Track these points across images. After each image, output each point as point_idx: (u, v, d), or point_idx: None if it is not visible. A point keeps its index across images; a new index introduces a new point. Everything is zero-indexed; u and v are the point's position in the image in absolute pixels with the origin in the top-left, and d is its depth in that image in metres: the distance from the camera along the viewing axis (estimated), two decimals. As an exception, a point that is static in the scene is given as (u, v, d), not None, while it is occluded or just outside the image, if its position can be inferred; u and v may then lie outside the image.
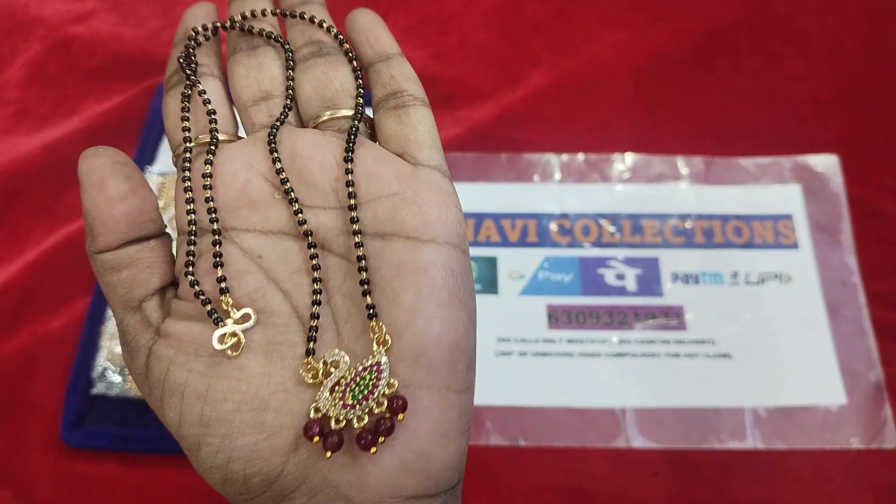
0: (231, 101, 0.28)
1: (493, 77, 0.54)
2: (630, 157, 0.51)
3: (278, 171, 0.24)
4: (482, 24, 0.56)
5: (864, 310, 0.46)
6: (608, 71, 0.54)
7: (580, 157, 0.51)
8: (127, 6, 0.58)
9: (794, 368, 0.44)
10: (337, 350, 0.22)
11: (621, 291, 0.46)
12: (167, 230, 0.26)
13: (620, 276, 0.47)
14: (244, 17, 0.28)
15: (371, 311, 0.22)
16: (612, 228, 0.48)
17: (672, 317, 0.46)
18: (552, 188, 0.50)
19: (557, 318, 0.46)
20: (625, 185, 0.50)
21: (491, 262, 0.47)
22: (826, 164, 0.50)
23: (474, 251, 0.48)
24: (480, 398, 0.43)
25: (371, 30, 0.27)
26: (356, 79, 0.27)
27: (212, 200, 0.24)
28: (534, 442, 0.42)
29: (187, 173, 0.25)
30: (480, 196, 0.49)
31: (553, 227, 0.48)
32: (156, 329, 0.24)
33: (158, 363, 0.23)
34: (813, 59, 0.55)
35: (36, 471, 0.42)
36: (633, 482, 0.41)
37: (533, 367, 0.44)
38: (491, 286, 0.47)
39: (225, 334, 0.22)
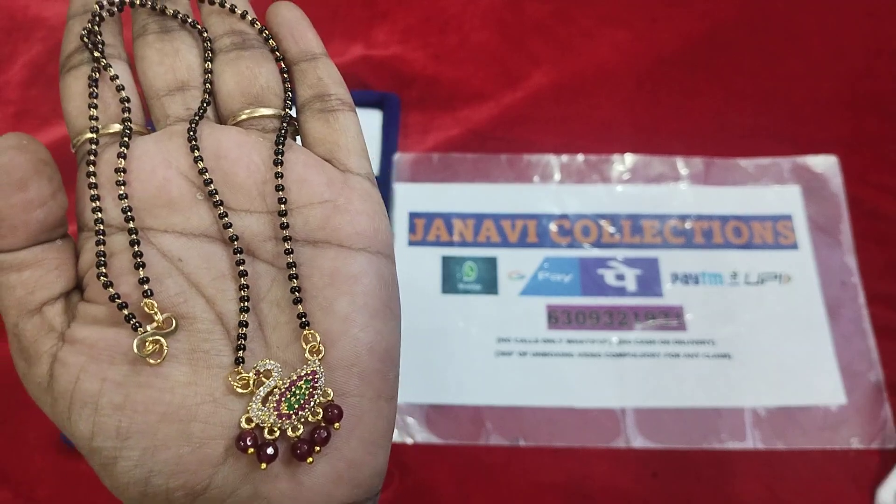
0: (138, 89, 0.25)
1: (493, 77, 0.54)
2: (630, 158, 0.51)
3: (201, 171, 0.23)
4: (482, 25, 0.56)
5: (864, 310, 0.46)
6: (608, 71, 0.54)
7: (580, 157, 0.51)
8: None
9: (794, 368, 0.44)
10: (268, 360, 0.21)
11: (621, 292, 0.46)
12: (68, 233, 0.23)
13: (620, 277, 0.47)
14: None
15: (303, 319, 0.22)
16: (611, 229, 0.48)
17: (672, 317, 0.46)
18: (552, 189, 0.50)
19: (557, 318, 0.46)
20: (624, 185, 0.50)
21: (491, 263, 0.47)
22: (825, 164, 0.50)
23: (474, 251, 0.48)
24: (480, 398, 0.43)
25: (296, 26, 0.26)
26: (281, 73, 0.26)
27: (126, 198, 0.22)
28: (534, 442, 0.42)
29: (92, 167, 0.23)
30: (480, 196, 0.49)
31: (553, 227, 0.48)
32: (59, 334, 0.22)
33: (65, 371, 0.21)
34: (813, 59, 0.55)
35: (36, 471, 0.42)
36: (633, 482, 0.41)
37: (533, 367, 0.44)
38: (491, 286, 0.47)
39: (146, 340, 0.21)
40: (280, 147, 0.23)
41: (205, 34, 0.26)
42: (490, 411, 0.43)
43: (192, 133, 0.23)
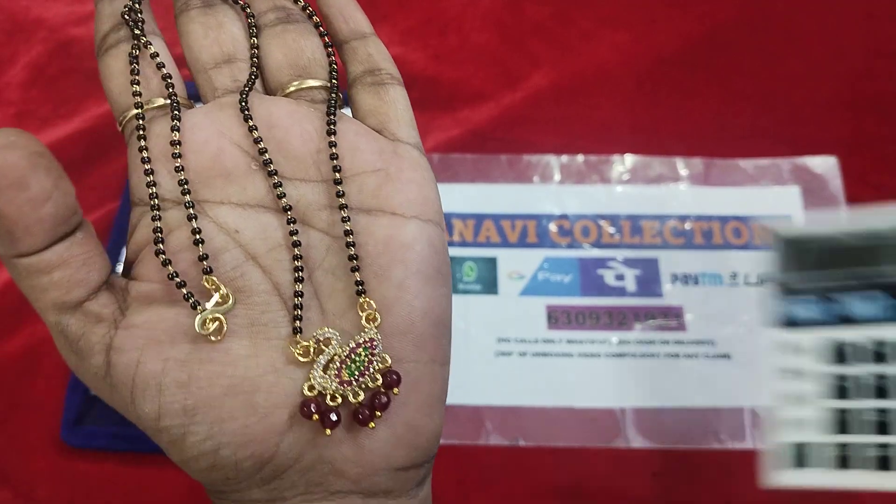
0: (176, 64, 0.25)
1: (493, 78, 0.54)
2: (629, 159, 0.51)
3: (256, 140, 0.23)
4: (482, 26, 0.57)
5: (864, 310, 0.46)
6: (608, 72, 0.54)
7: (580, 158, 0.51)
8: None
9: (794, 369, 0.44)
10: (327, 328, 0.22)
11: (621, 292, 0.46)
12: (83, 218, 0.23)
13: (620, 277, 0.47)
14: None
15: (360, 287, 0.22)
16: (611, 229, 0.48)
17: (671, 317, 0.46)
18: (552, 189, 0.50)
19: (557, 318, 0.46)
20: (624, 186, 0.50)
21: (491, 263, 0.47)
22: (825, 165, 0.50)
23: (474, 252, 0.48)
24: (480, 398, 0.43)
25: (345, 6, 0.26)
26: (326, 48, 0.26)
27: (182, 170, 0.22)
28: (533, 442, 0.42)
29: (143, 142, 0.23)
30: (480, 197, 0.49)
31: (553, 227, 0.48)
32: (112, 322, 0.21)
33: (124, 357, 0.21)
34: (812, 59, 0.55)
35: (36, 471, 0.42)
36: (633, 482, 0.41)
37: (533, 368, 0.44)
38: (491, 286, 0.47)
39: (206, 318, 0.21)
40: (333, 117, 0.24)
41: (247, 10, 0.26)
42: (490, 411, 0.43)
43: (244, 103, 0.23)
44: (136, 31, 0.25)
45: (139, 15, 0.25)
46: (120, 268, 0.24)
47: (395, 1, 0.57)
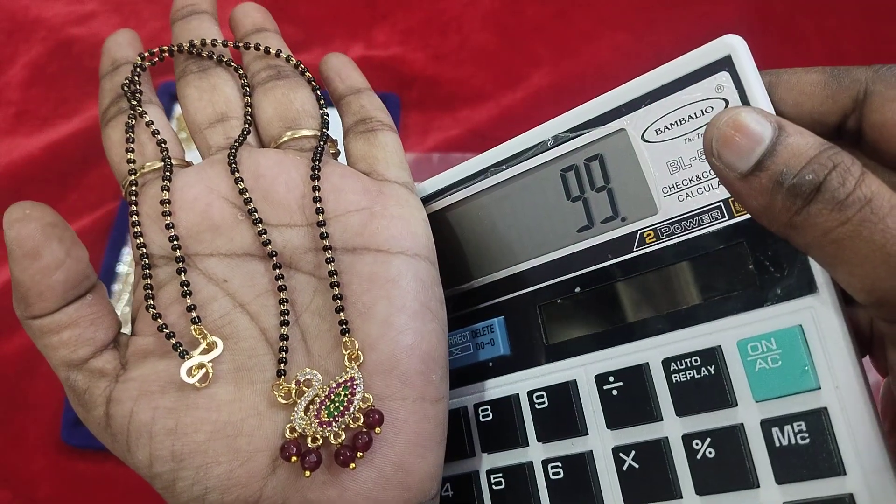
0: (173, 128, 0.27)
1: (493, 78, 0.54)
2: (629, 159, 0.51)
3: (241, 191, 0.24)
4: (482, 26, 0.57)
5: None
6: (608, 72, 0.54)
7: (580, 158, 0.51)
8: (128, 8, 0.58)
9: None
10: (308, 369, 0.22)
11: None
12: (98, 279, 0.24)
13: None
14: (192, 45, 0.27)
15: (343, 326, 0.22)
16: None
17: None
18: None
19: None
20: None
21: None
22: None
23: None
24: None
25: (342, 68, 0.28)
26: (317, 100, 0.27)
27: (172, 227, 0.23)
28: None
29: (134, 206, 0.24)
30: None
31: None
32: (113, 377, 0.22)
33: (120, 408, 0.22)
34: (812, 61, 0.55)
35: (36, 471, 0.42)
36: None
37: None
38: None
39: (192, 366, 0.21)
40: (317, 163, 0.24)
41: (240, 71, 0.27)
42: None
43: (231, 157, 0.24)
44: (133, 102, 0.26)
45: (138, 87, 0.27)
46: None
47: (395, 1, 0.57)
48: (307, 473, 0.21)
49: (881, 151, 0.21)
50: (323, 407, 0.21)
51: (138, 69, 0.27)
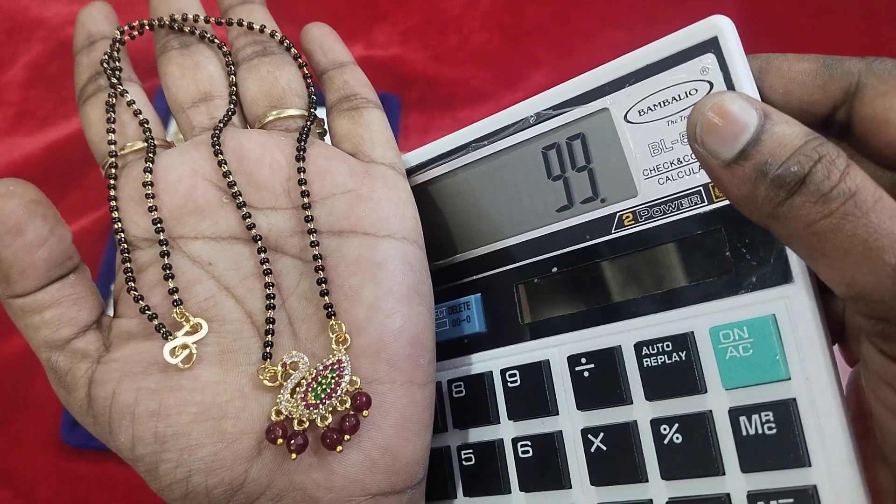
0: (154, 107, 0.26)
1: (492, 78, 0.54)
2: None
3: (225, 174, 0.23)
4: (482, 26, 0.57)
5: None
6: (608, 72, 0.54)
7: (580, 158, 0.51)
8: (128, 8, 0.58)
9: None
10: (294, 352, 0.22)
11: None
12: (81, 261, 0.24)
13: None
14: (173, 19, 0.26)
15: (329, 310, 0.22)
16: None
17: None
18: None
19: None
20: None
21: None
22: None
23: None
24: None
25: (325, 40, 0.27)
26: (304, 78, 0.26)
27: (155, 210, 0.23)
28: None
29: (113, 191, 0.24)
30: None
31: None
32: (95, 359, 0.22)
33: (101, 389, 0.21)
34: (812, 60, 0.55)
35: (36, 471, 0.42)
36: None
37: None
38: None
39: (175, 347, 0.21)
40: (302, 143, 0.24)
41: (223, 48, 0.26)
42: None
43: (215, 138, 0.24)
44: (113, 80, 0.25)
45: (117, 63, 0.26)
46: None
47: (395, 1, 0.57)
48: (293, 456, 0.20)
49: (869, 145, 0.21)
50: (310, 389, 0.21)
51: (117, 44, 0.26)
